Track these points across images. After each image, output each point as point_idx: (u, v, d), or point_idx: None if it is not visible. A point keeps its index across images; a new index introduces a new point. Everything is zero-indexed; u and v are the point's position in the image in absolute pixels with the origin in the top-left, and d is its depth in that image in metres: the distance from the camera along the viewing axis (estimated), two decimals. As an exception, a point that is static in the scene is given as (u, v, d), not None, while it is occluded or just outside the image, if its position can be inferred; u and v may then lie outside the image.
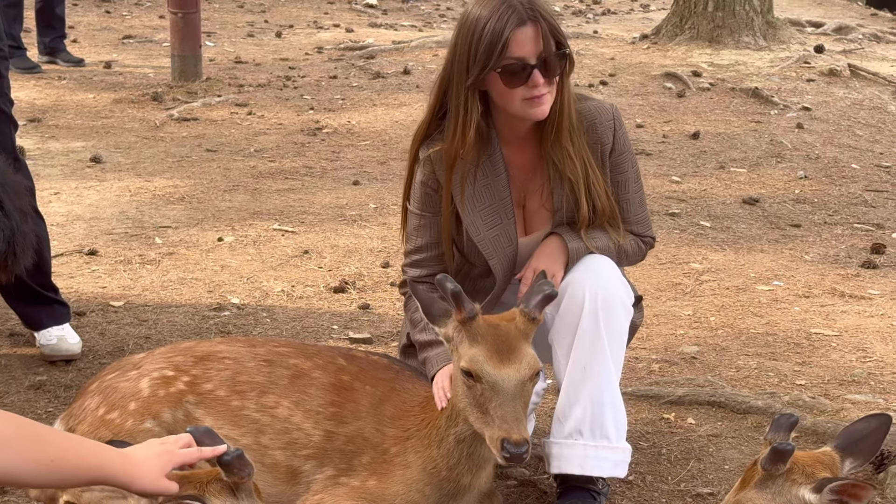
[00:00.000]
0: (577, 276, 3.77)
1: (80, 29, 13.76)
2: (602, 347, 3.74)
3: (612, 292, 3.78)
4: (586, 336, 3.74)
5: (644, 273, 6.27)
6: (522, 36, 3.64)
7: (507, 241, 3.89)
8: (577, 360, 3.76)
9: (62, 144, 8.80)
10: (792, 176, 8.46)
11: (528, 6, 3.65)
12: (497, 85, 3.70)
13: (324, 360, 3.77)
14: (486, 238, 3.87)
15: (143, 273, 6.07)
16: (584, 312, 3.73)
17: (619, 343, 3.81)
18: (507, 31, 3.62)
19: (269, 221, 7.03)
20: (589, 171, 3.84)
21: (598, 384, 3.75)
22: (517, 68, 3.65)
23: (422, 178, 3.90)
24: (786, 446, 2.83)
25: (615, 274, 3.84)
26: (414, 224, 3.97)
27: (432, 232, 3.94)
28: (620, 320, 3.81)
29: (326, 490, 3.56)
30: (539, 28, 3.65)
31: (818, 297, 6.08)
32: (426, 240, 3.95)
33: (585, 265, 3.82)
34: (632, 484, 4.14)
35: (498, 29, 3.62)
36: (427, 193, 3.91)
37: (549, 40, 3.66)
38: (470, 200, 3.86)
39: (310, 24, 14.79)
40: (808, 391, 4.88)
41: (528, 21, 3.64)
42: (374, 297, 5.89)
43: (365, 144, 9.11)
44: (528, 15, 3.64)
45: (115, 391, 3.70)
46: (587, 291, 3.73)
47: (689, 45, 12.31)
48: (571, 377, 3.77)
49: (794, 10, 15.83)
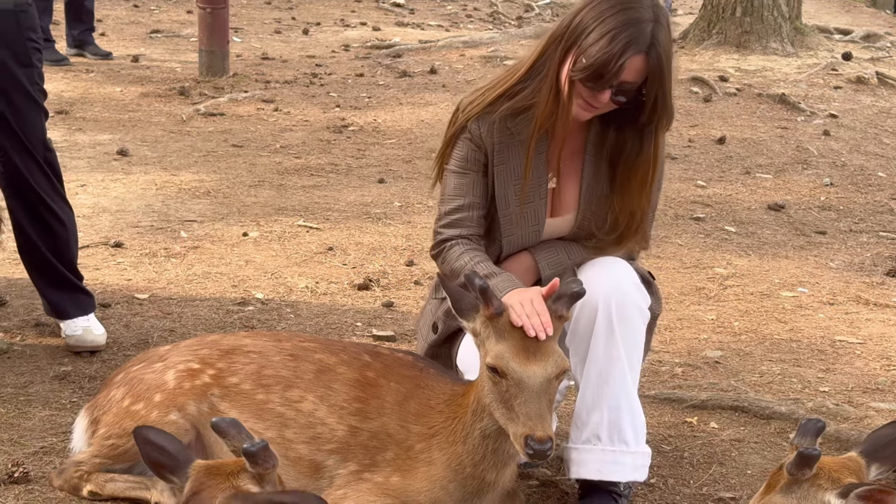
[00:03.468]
0: (592, 281, 3.71)
1: (109, 22, 13.81)
2: (618, 353, 3.72)
3: (627, 297, 3.76)
4: (601, 342, 3.73)
5: (668, 277, 6.26)
6: (632, 64, 3.57)
7: (534, 220, 3.88)
8: (593, 367, 3.75)
9: (89, 137, 8.83)
10: (818, 183, 8.44)
11: (653, 36, 3.57)
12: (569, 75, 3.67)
13: (349, 356, 3.77)
14: (512, 213, 3.86)
15: (168, 266, 6.09)
16: (598, 318, 3.72)
17: (636, 348, 3.80)
18: (625, 57, 3.55)
19: (294, 217, 7.04)
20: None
21: (614, 390, 3.74)
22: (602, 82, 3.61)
23: (468, 136, 3.83)
24: (812, 451, 2.82)
25: (630, 277, 3.82)
26: (454, 183, 3.88)
27: (476, 191, 3.87)
28: (636, 324, 3.79)
29: (349, 485, 3.56)
30: (648, 63, 3.59)
31: (843, 304, 6.07)
32: (468, 199, 3.87)
33: (601, 268, 3.81)
34: (654, 487, 4.13)
35: (616, 52, 3.54)
36: (472, 150, 3.84)
37: (651, 79, 3.63)
38: (507, 172, 3.85)
39: (337, 21, 14.82)
40: (832, 398, 4.86)
41: (644, 53, 3.57)
42: (397, 294, 5.89)
43: (391, 143, 9.12)
44: (647, 45, 3.57)
45: (140, 382, 3.71)
46: (601, 296, 3.71)
47: (716, 50, 12.30)
48: (587, 383, 3.77)
49: (822, 17, 15.80)
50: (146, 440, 2.82)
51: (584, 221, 3.90)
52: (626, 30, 3.56)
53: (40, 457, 4.04)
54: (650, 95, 3.66)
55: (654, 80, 3.63)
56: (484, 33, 13.97)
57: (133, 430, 2.85)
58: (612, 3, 3.60)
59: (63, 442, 4.11)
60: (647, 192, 3.84)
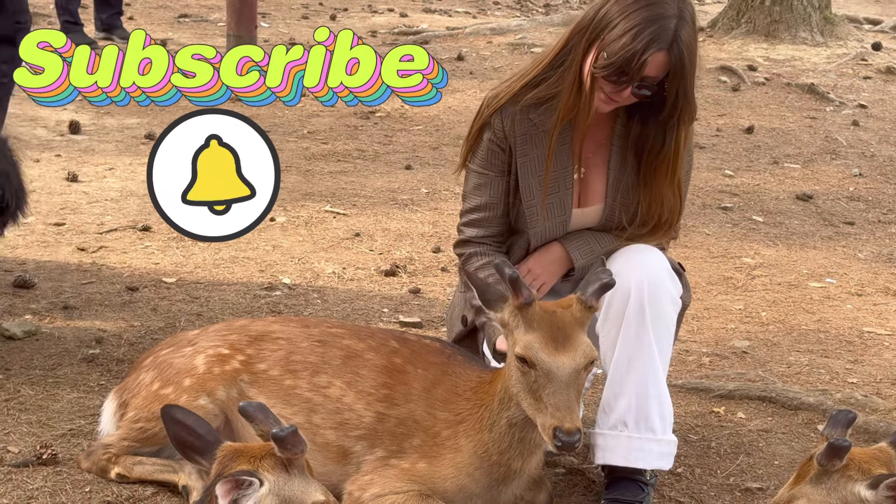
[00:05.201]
0: (625, 267, 3.74)
1: (137, 6, 13.82)
2: (648, 340, 3.72)
3: (660, 284, 3.75)
4: (632, 328, 3.72)
5: (695, 266, 6.24)
6: (654, 60, 3.57)
7: (560, 211, 3.88)
8: (623, 352, 3.74)
9: (117, 121, 8.84)
10: (846, 173, 8.40)
11: (675, 33, 3.57)
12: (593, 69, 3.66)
13: (377, 342, 3.77)
14: (537, 204, 3.86)
15: (196, 251, 6.10)
16: (630, 304, 3.71)
17: (666, 335, 3.79)
18: (648, 54, 3.55)
19: (322, 203, 7.04)
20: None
21: (643, 376, 3.74)
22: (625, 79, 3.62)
23: (490, 135, 3.86)
24: (843, 442, 2.81)
25: (663, 265, 3.82)
26: (474, 183, 3.93)
27: (493, 191, 3.91)
28: (668, 312, 3.78)
29: (376, 471, 3.56)
30: (670, 59, 3.59)
31: (871, 295, 6.04)
32: (486, 199, 3.91)
33: (634, 256, 3.81)
34: (680, 476, 4.12)
35: (639, 49, 3.54)
36: (493, 151, 3.87)
37: (672, 76, 3.63)
38: (531, 163, 3.85)
39: (364, 7, 14.79)
40: (860, 389, 4.84)
41: (666, 49, 3.57)
42: (424, 281, 5.90)
43: (418, 129, 9.11)
44: (669, 42, 3.56)
45: (170, 367, 3.73)
46: (633, 283, 3.71)
47: (744, 39, 12.24)
48: (617, 369, 3.76)
49: (852, 7, 15.71)
50: (174, 419, 2.81)
51: (612, 212, 3.90)
52: (650, 26, 3.56)
53: (68, 439, 4.06)
54: (671, 91, 3.66)
55: (676, 76, 3.63)
56: (511, 20, 13.92)
57: (161, 409, 2.84)
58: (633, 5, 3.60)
59: (91, 424, 4.12)
60: (674, 185, 3.84)
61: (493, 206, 3.91)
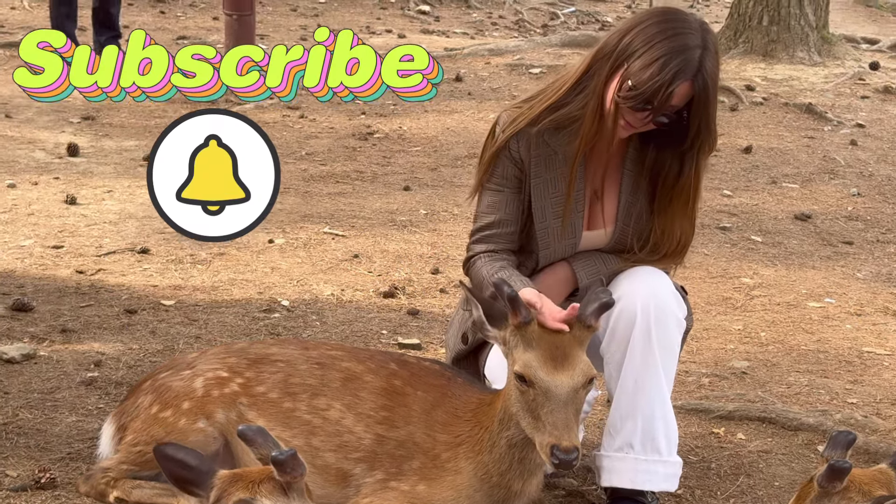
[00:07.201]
0: (631, 289, 3.75)
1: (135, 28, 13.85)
2: (654, 361, 3.72)
3: (665, 307, 3.76)
4: (638, 350, 3.72)
5: (694, 287, 6.23)
6: (679, 91, 3.57)
7: (570, 233, 3.88)
8: (629, 374, 3.74)
9: (115, 143, 8.86)
10: (845, 193, 8.40)
11: (700, 63, 3.56)
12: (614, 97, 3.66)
13: (376, 365, 3.77)
14: (549, 226, 3.86)
15: (194, 273, 6.10)
16: (636, 326, 3.71)
17: (672, 357, 3.79)
18: (675, 85, 3.55)
19: (320, 224, 7.04)
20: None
21: (649, 398, 3.74)
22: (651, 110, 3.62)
23: (506, 154, 3.85)
24: (843, 464, 2.80)
25: (668, 287, 3.82)
26: (488, 201, 3.90)
27: (508, 209, 3.88)
28: (673, 334, 3.78)
29: (376, 493, 3.56)
30: (693, 89, 3.59)
31: (870, 315, 6.04)
32: (500, 216, 3.88)
33: (639, 278, 3.81)
34: (681, 498, 4.11)
35: (666, 80, 3.53)
36: (508, 168, 3.85)
37: (696, 106, 3.63)
38: (545, 186, 3.84)
39: (362, 29, 14.82)
40: (860, 410, 4.84)
41: (690, 80, 3.57)
42: (423, 302, 5.89)
43: (416, 150, 9.12)
44: (694, 73, 3.56)
45: (168, 390, 3.72)
46: (639, 305, 3.72)
47: (742, 59, 12.25)
48: (623, 391, 3.76)
49: (849, 26, 15.75)
50: (166, 457, 2.78)
51: (622, 235, 3.91)
52: (676, 57, 3.55)
53: (67, 462, 4.05)
54: (693, 122, 3.66)
55: (699, 106, 3.63)
56: (509, 41, 13.94)
57: (153, 449, 2.82)
58: (662, 28, 3.59)
59: (90, 448, 4.11)
60: (689, 214, 3.86)
61: (506, 222, 3.89)
